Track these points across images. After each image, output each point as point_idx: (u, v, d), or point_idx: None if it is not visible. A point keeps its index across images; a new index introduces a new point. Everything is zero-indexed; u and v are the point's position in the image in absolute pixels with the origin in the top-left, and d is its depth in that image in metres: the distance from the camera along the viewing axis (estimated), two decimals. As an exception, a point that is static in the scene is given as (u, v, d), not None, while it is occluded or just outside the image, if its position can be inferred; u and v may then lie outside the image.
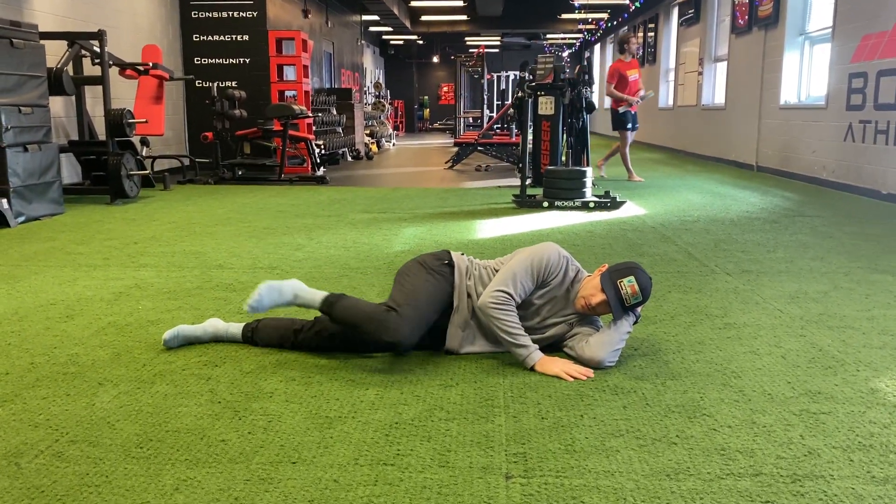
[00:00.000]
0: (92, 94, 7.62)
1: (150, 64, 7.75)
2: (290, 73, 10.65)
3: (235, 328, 2.81)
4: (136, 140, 7.83)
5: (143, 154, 8.17)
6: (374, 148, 14.82)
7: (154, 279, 3.82)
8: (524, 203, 6.78)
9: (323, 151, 11.20)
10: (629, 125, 9.33)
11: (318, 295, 2.62)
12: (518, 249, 2.74)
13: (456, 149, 12.03)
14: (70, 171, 7.55)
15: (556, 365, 2.49)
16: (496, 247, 4.76)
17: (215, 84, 9.36)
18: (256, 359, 2.63)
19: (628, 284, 2.55)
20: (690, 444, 1.98)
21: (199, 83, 10.18)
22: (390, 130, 18.34)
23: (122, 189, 6.71)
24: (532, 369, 2.50)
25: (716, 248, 4.74)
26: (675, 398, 2.29)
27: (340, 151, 12.80)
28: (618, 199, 6.74)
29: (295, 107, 8.84)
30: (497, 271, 2.71)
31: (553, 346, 2.70)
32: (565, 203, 6.68)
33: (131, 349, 2.73)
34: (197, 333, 2.80)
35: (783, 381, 2.43)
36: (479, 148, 11.99)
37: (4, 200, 5.42)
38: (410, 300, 2.56)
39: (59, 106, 7.35)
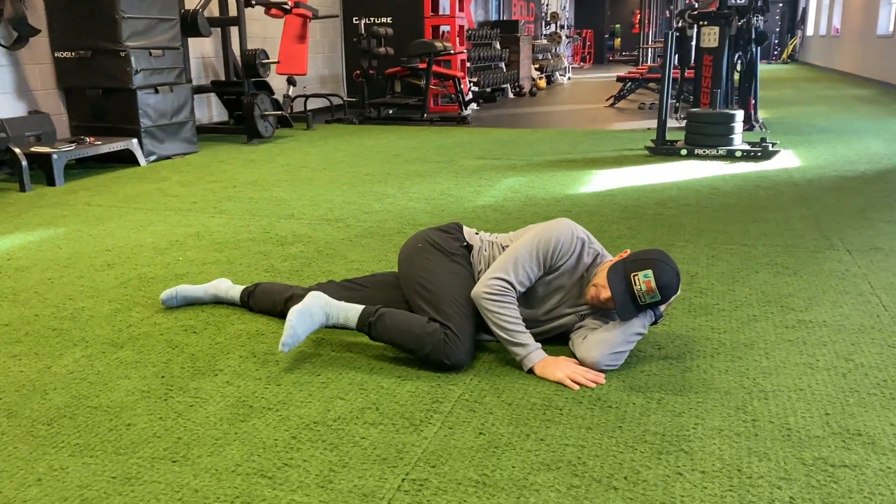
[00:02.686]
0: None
1: (294, 3, 7.82)
2: (447, 8, 10.37)
3: (235, 291, 2.70)
4: (270, 80, 8.00)
5: (291, 93, 8.36)
6: (541, 83, 14.24)
7: (218, 227, 3.84)
8: (659, 150, 6.11)
9: (476, 89, 10.90)
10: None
11: (352, 313, 2.25)
12: (530, 226, 2.36)
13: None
14: (220, 110, 7.91)
15: (559, 369, 2.11)
16: (591, 205, 4.30)
17: (362, 21, 9.31)
18: (239, 327, 2.51)
19: (644, 280, 2.10)
20: (634, 494, 1.58)
21: (355, 20, 10.21)
22: (565, 63, 17.53)
23: (255, 129, 6.91)
24: (531, 371, 2.15)
25: (858, 215, 3.94)
26: (659, 422, 1.87)
27: (502, 87, 12.43)
28: (771, 148, 5.87)
29: (438, 43, 8.59)
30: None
31: (563, 337, 2.32)
32: (707, 151, 5.93)
33: (133, 306, 2.72)
34: (198, 294, 2.73)
35: (820, 412, 1.91)
36: (648, 84, 11.10)
37: (135, 140, 5.74)
38: (457, 309, 2.19)
39: (208, 46, 7.67)
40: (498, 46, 12.55)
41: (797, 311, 2.60)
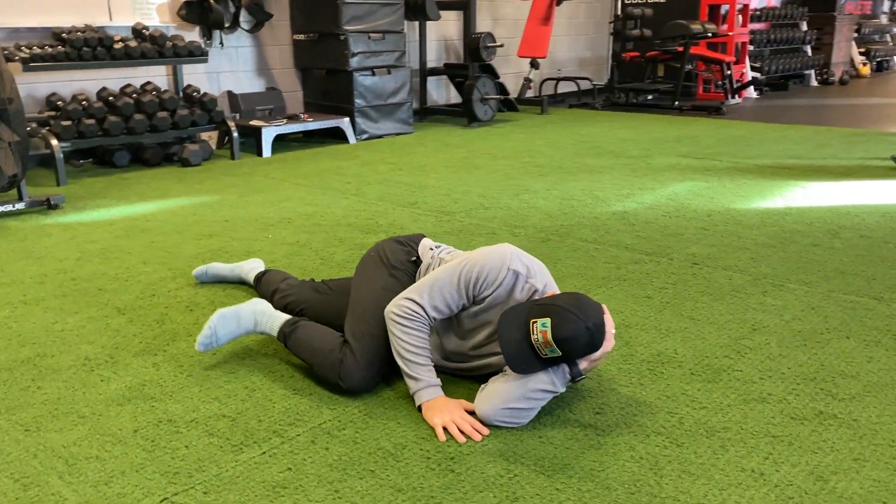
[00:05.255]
0: (484, 17, 7.99)
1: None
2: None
3: (252, 275, 2.80)
4: (512, 63, 7.95)
5: (530, 76, 8.28)
6: (864, 70, 12.20)
7: (337, 210, 3.99)
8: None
9: (758, 75, 9.71)
10: None
11: (276, 322, 2.18)
12: (479, 249, 2.09)
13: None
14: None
15: (442, 413, 1.87)
16: (743, 225, 3.64)
17: (619, 2, 8.81)
18: (229, 312, 2.61)
19: (541, 330, 1.75)
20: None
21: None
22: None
23: (473, 112, 6.98)
24: (420, 409, 1.93)
25: None
26: (525, 488, 1.56)
27: (802, 74, 10.92)
28: None
29: (696, 25, 7.81)
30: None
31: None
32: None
33: (178, 277, 2.97)
34: (224, 273, 2.89)
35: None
36: None
37: (347, 119, 6.17)
38: (369, 329, 2.03)
39: (451, 29, 7.90)
40: (804, 27, 11.03)
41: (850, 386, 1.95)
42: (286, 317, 2.21)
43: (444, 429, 1.83)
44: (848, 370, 2.12)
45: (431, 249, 2.22)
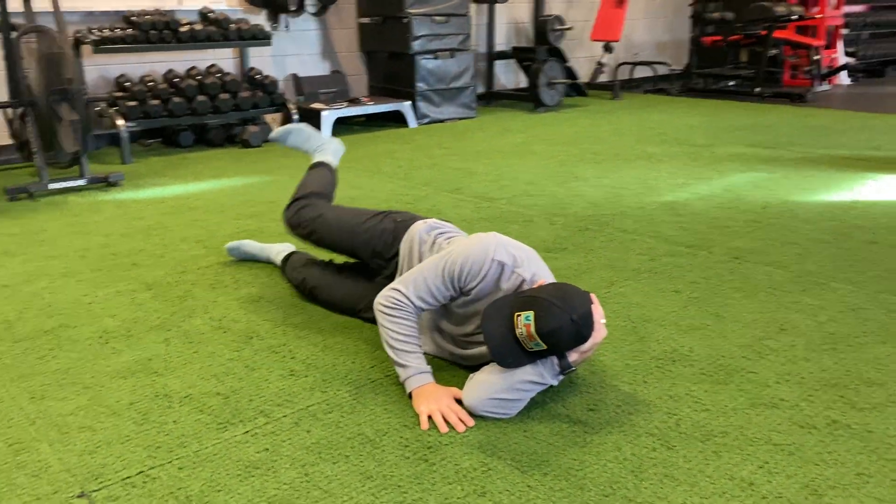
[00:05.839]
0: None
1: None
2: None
3: (280, 258, 2.84)
4: (587, 46, 7.75)
5: (603, 60, 8.05)
6: (975, 56, 11.29)
7: (380, 194, 3.99)
8: None
9: (852, 60, 9.14)
10: None
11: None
12: (465, 239, 2.03)
13: None
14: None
15: (429, 402, 1.83)
16: (801, 218, 3.43)
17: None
18: (241, 291, 2.64)
19: (524, 323, 1.69)
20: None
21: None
22: None
23: (539, 97, 6.85)
24: (410, 396, 1.91)
25: None
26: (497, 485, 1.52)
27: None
28: None
29: (781, 7, 7.40)
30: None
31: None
32: None
33: (212, 254, 3.03)
34: (254, 252, 2.94)
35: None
36: None
37: (408, 103, 6.16)
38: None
39: (522, 11, 7.76)
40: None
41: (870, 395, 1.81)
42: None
43: (430, 417, 1.80)
44: (875, 378, 1.96)
45: (432, 232, 2.18)
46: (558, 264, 2.87)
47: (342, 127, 6.07)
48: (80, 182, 4.11)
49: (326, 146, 2.80)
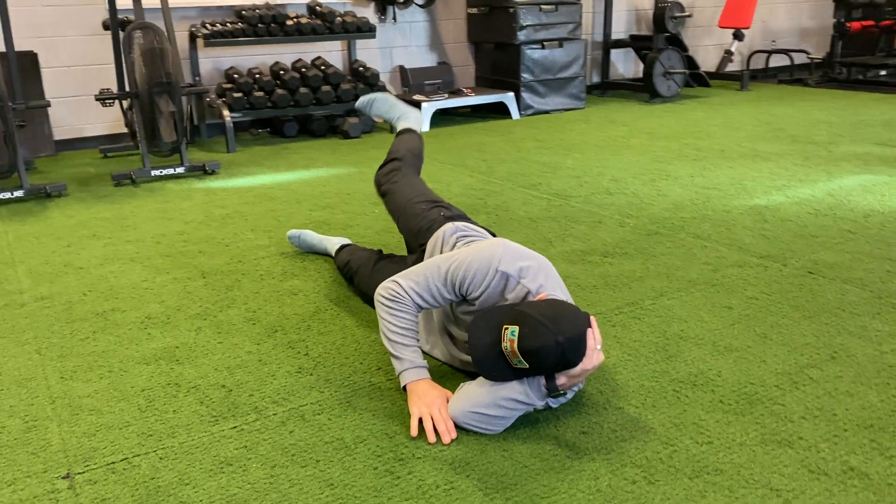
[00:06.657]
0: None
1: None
2: None
3: (333, 249, 2.87)
4: (689, 34, 7.30)
5: (733, 48, 7.56)
6: None
7: (454, 188, 3.95)
8: None
9: None
10: None
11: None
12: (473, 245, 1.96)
13: None
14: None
15: (423, 403, 1.79)
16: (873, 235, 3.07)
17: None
18: (286, 283, 2.70)
19: (509, 338, 1.62)
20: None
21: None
22: None
23: (654, 88, 6.54)
24: (405, 390, 1.89)
25: None
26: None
27: None
28: None
29: (939, -12, 6.63)
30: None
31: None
32: None
33: (274, 244, 3.12)
34: (313, 242, 3.00)
35: None
36: None
37: (511, 94, 6.06)
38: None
39: (644, -1, 7.43)
40: None
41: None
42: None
43: (421, 420, 1.76)
44: (923, 422, 1.72)
45: (455, 234, 2.13)
46: (611, 270, 2.72)
47: (445, 118, 6.07)
48: (180, 170, 4.36)
49: (410, 114, 2.87)
